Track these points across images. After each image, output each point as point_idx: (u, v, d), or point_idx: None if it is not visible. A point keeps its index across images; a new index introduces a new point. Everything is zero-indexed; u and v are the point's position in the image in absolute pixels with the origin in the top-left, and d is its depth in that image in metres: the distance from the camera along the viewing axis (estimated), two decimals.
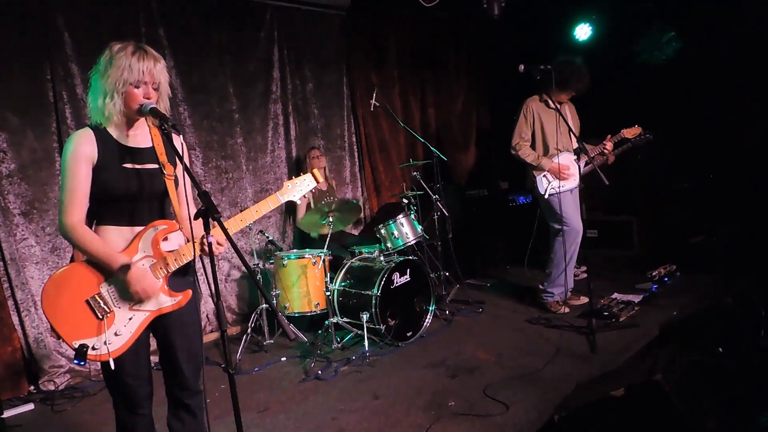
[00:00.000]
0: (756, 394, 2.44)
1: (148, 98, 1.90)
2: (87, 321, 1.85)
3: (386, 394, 3.23)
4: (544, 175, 4.38)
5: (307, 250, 4.55)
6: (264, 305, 4.28)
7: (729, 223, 5.12)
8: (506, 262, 6.31)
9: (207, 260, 1.83)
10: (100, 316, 1.86)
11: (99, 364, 1.94)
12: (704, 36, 5.28)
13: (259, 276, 4.34)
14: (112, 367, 1.87)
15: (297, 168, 5.32)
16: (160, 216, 2.02)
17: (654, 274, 4.84)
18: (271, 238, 4.55)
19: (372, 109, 5.08)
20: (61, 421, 3.33)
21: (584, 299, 4.48)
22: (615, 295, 4.49)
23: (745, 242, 4.88)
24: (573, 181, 4.36)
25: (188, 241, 2.00)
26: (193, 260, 2.04)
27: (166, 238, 1.99)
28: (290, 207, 5.22)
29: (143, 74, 1.86)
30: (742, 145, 5.13)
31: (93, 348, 1.84)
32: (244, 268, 4.90)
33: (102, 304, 1.88)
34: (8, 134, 3.72)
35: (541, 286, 4.57)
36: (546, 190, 4.37)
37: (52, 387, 3.76)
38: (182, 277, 2.07)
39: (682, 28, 5.40)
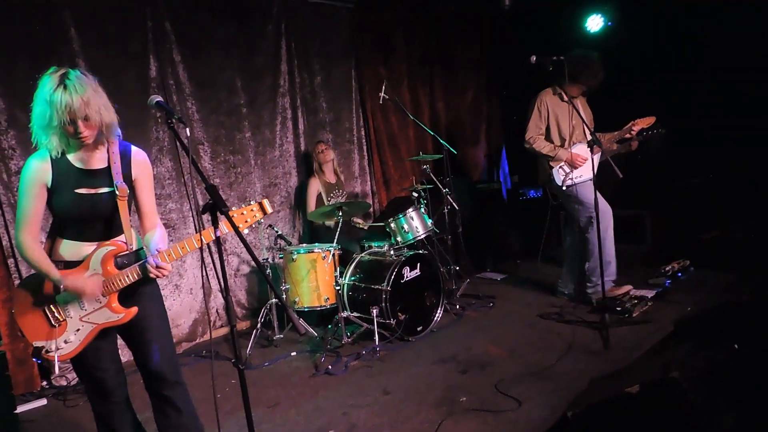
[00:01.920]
0: None
1: (80, 132, 1.91)
2: (43, 326, 2.05)
3: (397, 389, 3.21)
4: (561, 167, 4.31)
5: (316, 244, 4.53)
6: (274, 300, 4.27)
7: (743, 218, 5.04)
8: (517, 256, 6.26)
9: (217, 256, 1.84)
10: (54, 324, 2.04)
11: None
12: (718, 28, 5.18)
13: (268, 271, 4.33)
14: (56, 371, 2.05)
15: (306, 162, 5.30)
16: (110, 234, 2.10)
17: (667, 269, 4.78)
18: (280, 232, 4.54)
19: (381, 102, 5.03)
20: (74, 416, 3.35)
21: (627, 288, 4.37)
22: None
23: (759, 238, 4.80)
24: (589, 172, 4.25)
25: (158, 251, 2.05)
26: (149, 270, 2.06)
27: (114, 258, 2.08)
28: (300, 201, 5.20)
29: (65, 114, 1.86)
30: (757, 139, 5.03)
31: (46, 351, 2.03)
32: (253, 263, 4.88)
33: (56, 314, 2.05)
34: (17, 131, 3.72)
35: (589, 284, 4.35)
36: (563, 182, 4.29)
37: (63, 382, 3.78)
38: (137, 290, 2.14)
39: (696, 21, 5.31)
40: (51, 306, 2.04)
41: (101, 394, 2.16)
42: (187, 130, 1.94)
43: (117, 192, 2.04)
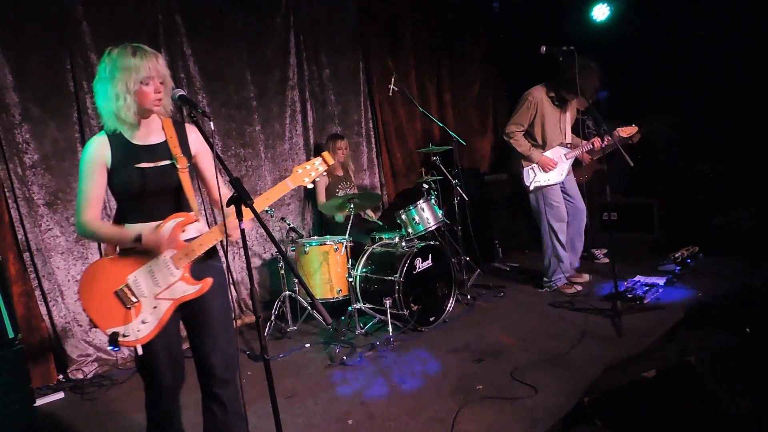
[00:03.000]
0: None
1: (159, 92, 1.99)
2: (117, 310, 1.98)
3: (413, 379, 3.23)
4: (531, 168, 4.45)
5: (328, 236, 4.55)
6: (287, 292, 4.30)
7: (751, 205, 5.04)
8: (526, 246, 6.29)
9: (229, 248, 1.86)
10: (128, 306, 1.98)
11: (131, 351, 2.01)
12: (727, 16, 5.16)
13: (280, 263, 4.36)
14: (140, 352, 1.99)
15: (316, 155, 5.30)
16: (177, 208, 2.08)
17: (677, 255, 4.80)
18: (292, 225, 4.56)
19: (390, 94, 5.05)
20: (91, 409, 3.38)
21: (585, 276, 4.67)
22: (638, 278, 4.45)
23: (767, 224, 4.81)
24: (559, 176, 4.43)
25: (209, 228, 2.05)
26: (217, 247, 2.10)
27: (184, 229, 2.05)
28: (309, 193, 5.22)
29: (150, 70, 1.95)
30: (764, 126, 5.03)
31: (123, 335, 1.97)
32: (264, 256, 4.91)
33: (129, 295, 1.99)
34: (30, 125, 3.74)
35: (545, 278, 4.71)
36: (531, 183, 4.46)
37: (80, 375, 3.81)
38: (206, 264, 2.11)
39: (706, 8, 5.29)
40: (123, 288, 1.98)
41: (157, 390, 2.12)
42: (211, 123, 1.96)
43: (177, 164, 2.04)
